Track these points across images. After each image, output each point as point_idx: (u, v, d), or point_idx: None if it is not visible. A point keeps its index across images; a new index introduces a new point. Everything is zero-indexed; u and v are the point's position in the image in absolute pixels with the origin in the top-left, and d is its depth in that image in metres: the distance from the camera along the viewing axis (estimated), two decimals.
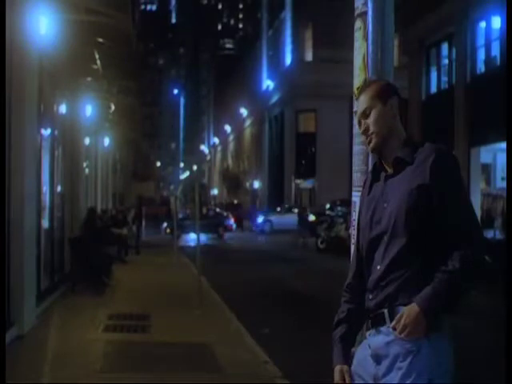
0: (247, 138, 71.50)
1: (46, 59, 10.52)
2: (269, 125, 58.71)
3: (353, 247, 3.27)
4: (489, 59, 22.41)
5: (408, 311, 2.57)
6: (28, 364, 7.24)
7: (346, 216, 33.27)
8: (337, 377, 2.80)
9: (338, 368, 2.81)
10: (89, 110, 16.65)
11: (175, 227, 20.45)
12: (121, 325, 9.47)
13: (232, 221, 39.63)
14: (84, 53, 12.77)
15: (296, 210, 37.66)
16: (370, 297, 2.74)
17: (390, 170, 2.80)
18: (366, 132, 2.84)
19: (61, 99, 13.50)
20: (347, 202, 36.12)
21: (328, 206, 39.47)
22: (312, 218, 38.08)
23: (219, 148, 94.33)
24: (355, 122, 3.61)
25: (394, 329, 2.61)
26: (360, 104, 2.89)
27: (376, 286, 2.72)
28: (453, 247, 2.59)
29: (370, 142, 2.84)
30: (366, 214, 2.86)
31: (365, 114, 2.84)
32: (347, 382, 2.75)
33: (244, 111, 66.87)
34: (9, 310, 8.23)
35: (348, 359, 2.82)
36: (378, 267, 2.72)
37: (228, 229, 37.32)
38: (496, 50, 21.59)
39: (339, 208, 37.11)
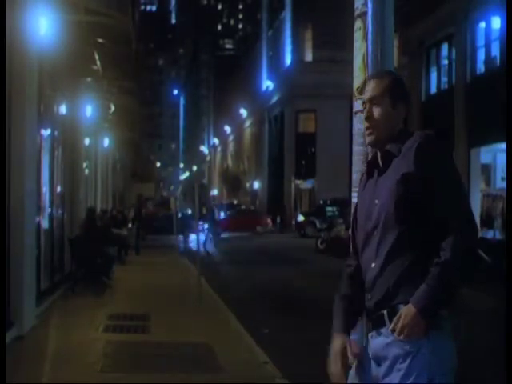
0: (247, 138, 71.45)
1: (46, 59, 10.51)
2: (269, 125, 58.66)
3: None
4: (489, 59, 22.41)
5: (405, 312, 2.55)
6: (28, 364, 7.24)
7: (337, 216, 33.52)
8: (337, 346, 2.72)
9: (339, 337, 2.73)
10: (89, 110, 16.65)
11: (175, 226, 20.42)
12: (121, 325, 9.47)
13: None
14: (84, 53, 12.77)
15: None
16: (369, 296, 2.73)
17: (381, 165, 2.80)
18: (368, 119, 2.81)
19: (61, 99, 13.50)
20: (341, 202, 36.40)
21: (322, 204, 39.62)
22: (301, 218, 38.03)
23: (219, 148, 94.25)
24: (355, 121, 3.62)
25: (394, 330, 2.60)
26: (370, 88, 2.84)
27: (373, 284, 2.70)
28: (444, 237, 2.55)
29: (369, 134, 2.81)
30: (360, 212, 2.87)
31: (371, 102, 2.80)
32: (354, 351, 2.69)
33: (244, 111, 66.80)
34: (9, 310, 8.23)
35: (349, 331, 2.76)
36: (373, 265, 2.71)
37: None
38: (496, 51, 21.60)
39: (330, 208, 37.15)
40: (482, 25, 22.64)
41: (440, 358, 2.58)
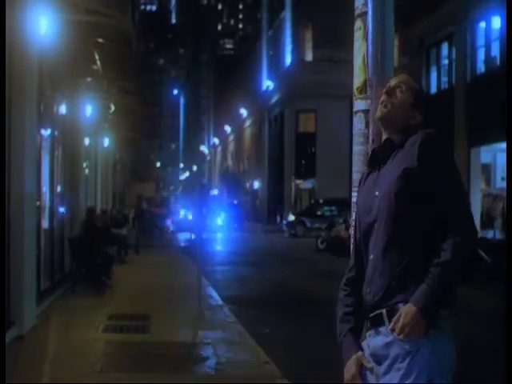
0: (247, 138, 71.48)
1: (46, 59, 10.51)
2: (269, 125, 58.67)
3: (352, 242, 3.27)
4: (489, 59, 22.41)
5: (405, 312, 2.55)
6: (28, 364, 7.24)
7: (330, 216, 34.04)
8: (353, 368, 2.71)
9: (352, 359, 2.73)
10: (89, 110, 16.63)
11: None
12: (121, 325, 9.47)
13: (169, 221, 36.86)
14: (84, 53, 12.76)
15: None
16: (368, 290, 2.73)
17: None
18: (388, 94, 2.84)
19: (61, 99, 13.49)
20: (334, 202, 36.84)
21: (313, 204, 39.91)
22: (291, 217, 38.14)
23: (219, 148, 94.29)
24: (355, 121, 3.62)
25: (393, 330, 2.60)
26: (401, 79, 2.89)
27: (371, 278, 2.71)
28: (444, 237, 2.56)
29: (384, 107, 2.83)
30: (360, 205, 2.87)
31: (398, 86, 2.84)
32: (368, 365, 2.68)
33: (244, 111, 66.82)
34: (9, 310, 8.23)
35: (360, 348, 2.76)
36: (371, 256, 2.72)
37: (164, 231, 34.07)
38: (496, 50, 21.59)
39: (321, 208, 37.49)
40: (482, 24, 22.62)
41: (440, 357, 2.58)
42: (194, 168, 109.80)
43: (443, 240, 2.56)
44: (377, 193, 2.73)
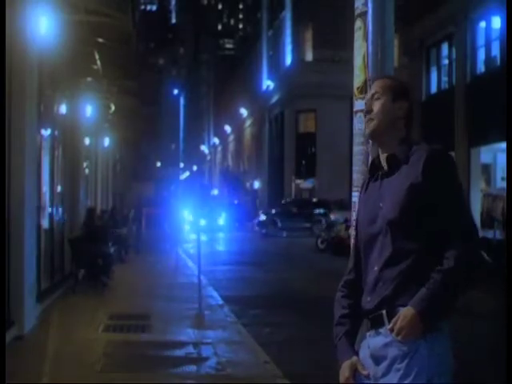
0: (247, 138, 71.48)
1: (46, 59, 10.51)
2: (269, 125, 58.66)
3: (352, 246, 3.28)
4: (489, 59, 22.41)
5: (404, 314, 2.57)
6: (28, 364, 7.24)
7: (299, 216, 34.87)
8: (347, 372, 2.74)
9: (347, 363, 2.75)
10: (89, 110, 16.63)
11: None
12: (121, 325, 9.47)
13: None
14: (84, 53, 12.77)
15: None
16: (368, 299, 2.74)
17: (385, 168, 2.81)
18: (368, 112, 2.84)
19: (61, 99, 13.49)
20: (307, 203, 37.33)
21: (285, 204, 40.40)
22: (263, 217, 38.52)
23: (219, 148, 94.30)
24: (355, 121, 3.62)
25: (392, 330, 2.61)
26: (373, 87, 2.90)
27: (373, 288, 2.72)
28: (446, 247, 2.59)
29: (369, 123, 2.83)
30: (363, 213, 2.87)
31: (373, 97, 2.84)
32: (364, 372, 2.70)
33: (244, 111, 66.83)
34: (9, 310, 8.23)
35: (354, 353, 2.79)
36: (375, 268, 2.73)
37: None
38: (496, 50, 21.60)
39: (297, 208, 38.06)
40: (482, 24, 22.63)
41: (438, 357, 2.59)
42: (195, 168, 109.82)
43: (446, 250, 2.58)
44: (381, 204, 2.74)
